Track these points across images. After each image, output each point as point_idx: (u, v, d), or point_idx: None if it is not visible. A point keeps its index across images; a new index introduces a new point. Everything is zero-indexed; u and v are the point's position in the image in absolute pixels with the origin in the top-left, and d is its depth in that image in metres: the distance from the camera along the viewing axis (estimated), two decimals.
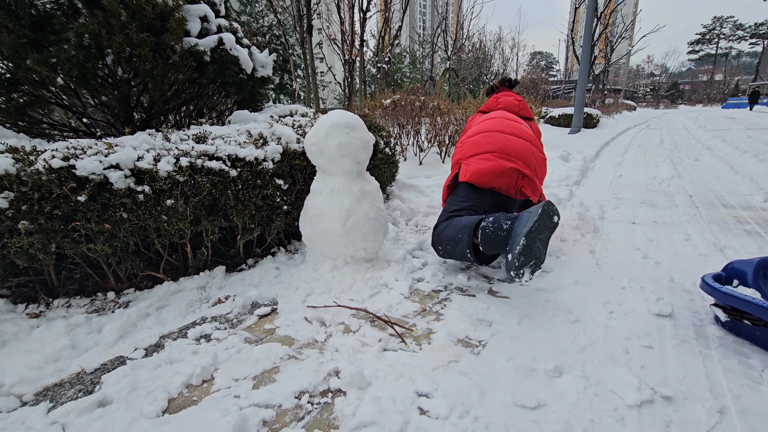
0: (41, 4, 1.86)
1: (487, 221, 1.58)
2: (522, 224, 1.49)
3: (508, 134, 2.05)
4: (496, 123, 2.13)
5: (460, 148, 2.13)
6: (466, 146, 2.09)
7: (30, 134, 2.02)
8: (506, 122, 2.14)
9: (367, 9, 10.16)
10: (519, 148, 1.99)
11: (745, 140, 7.18)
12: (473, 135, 2.13)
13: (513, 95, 2.48)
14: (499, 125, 2.11)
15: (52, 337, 1.33)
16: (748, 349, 1.27)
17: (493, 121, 2.16)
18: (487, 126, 2.13)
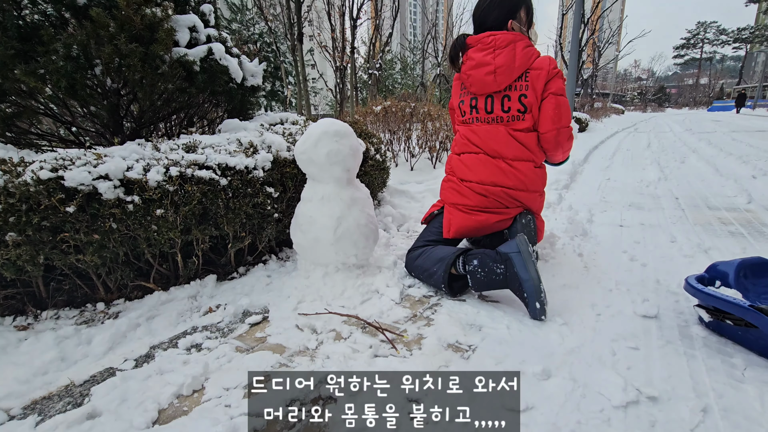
0: (29, 15, 1.86)
1: (473, 265, 1.58)
2: (522, 268, 1.49)
3: (489, 185, 1.79)
4: (475, 164, 1.83)
5: (451, 162, 1.95)
6: (455, 167, 1.91)
7: (18, 145, 2.01)
8: (486, 167, 1.80)
9: (358, 16, 10.25)
10: (505, 195, 1.78)
11: (729, 142, 7.33)
12: (459, 154, 1.91)
13: (486, 54, 1.71)
14: (478, 176, 1.82)
15: (41, 350, 1.32)
16: (731, 348, 1.30)
17: (473, 160, 1.84)
18: (467, 164, 1.87)
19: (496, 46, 1.70)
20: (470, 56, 1.77)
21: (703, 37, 58.41)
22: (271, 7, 13.37)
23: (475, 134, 1.82)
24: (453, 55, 1.85)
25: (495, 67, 1.69)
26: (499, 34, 1.72)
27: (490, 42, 1.71)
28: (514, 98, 1.73)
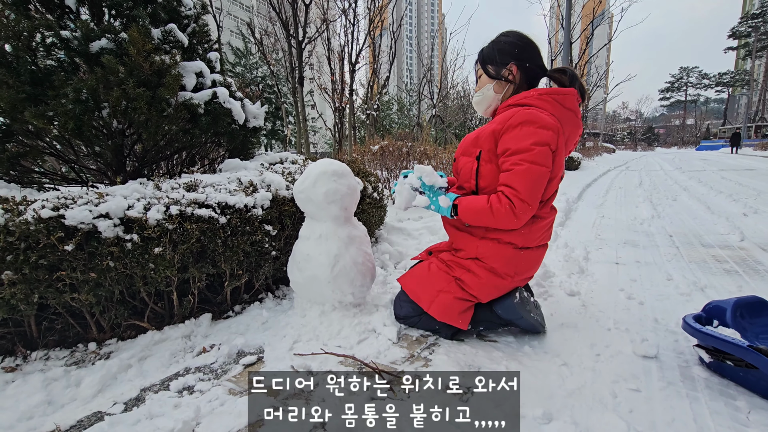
0: (41, 61, 1.95)
1: (479, 330, 1.71)
2: (527, 324, 1.61)
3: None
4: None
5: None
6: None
7: (21, 183, 2.04)
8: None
9: (356, 61, 10.72)
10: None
11: (719, 181, 7.50)
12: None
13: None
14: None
15: (28, 393, 1.28)
16: (733, 390, 1.28)
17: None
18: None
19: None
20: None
21: (686, 80, 61.18)
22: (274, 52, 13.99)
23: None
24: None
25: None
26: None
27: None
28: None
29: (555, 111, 1.44)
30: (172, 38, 2.21)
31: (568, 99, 1.47)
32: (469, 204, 1.46)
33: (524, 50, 1.52)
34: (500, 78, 1.54)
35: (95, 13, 2.15)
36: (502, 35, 1.57)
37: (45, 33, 1.88)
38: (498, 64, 1.54)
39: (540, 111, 1.40)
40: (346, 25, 10.50)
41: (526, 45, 1.53)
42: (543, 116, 1.37)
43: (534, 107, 1.42)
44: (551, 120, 1.38)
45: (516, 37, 1.54)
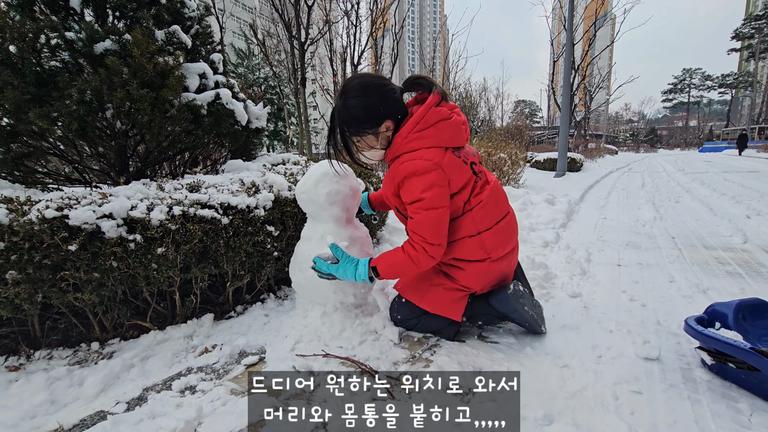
0: (46, 62, 1.96)
1: (478, 324, 1.75)
2: (523, 320, 1.65)
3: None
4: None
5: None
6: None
7: (25, 184, 2.06)
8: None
9: (359, 63, 10.74)
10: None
11: (722, 182, 7.48)
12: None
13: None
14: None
15: (31, 392, 1.29)
16: (735, 392, 1.28)
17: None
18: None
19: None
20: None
21: (689, 82, 61.06)
22: (276, 54, 14.03)
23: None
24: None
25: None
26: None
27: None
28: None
29: (427, 140, 1.43)
30: (175, 40, 2.23)
31: (431, 115, 1.43)
32: (388, 261, 1.50)
33: (383, 99, 1.43)
34: (380, 136, 1.49)
35: (99, 14, 2.17)
36: (352, 98, 1.42)
37: (50, 34, 1.89)
38: (374, 125, 1.45)
39: (415, 158, 1.41)
40: (348, 26, 10.53)
41: (381, 94, 1.43)
42: (419, 163, 1.39)
43: (407, 154, 1.44)
44: (427, 161, 1.39)
45: (367, 93, 1.43)
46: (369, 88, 1.43)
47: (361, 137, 1.48)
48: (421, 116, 1.43)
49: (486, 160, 5.90)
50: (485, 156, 5.92)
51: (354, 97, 1.42)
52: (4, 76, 1.78)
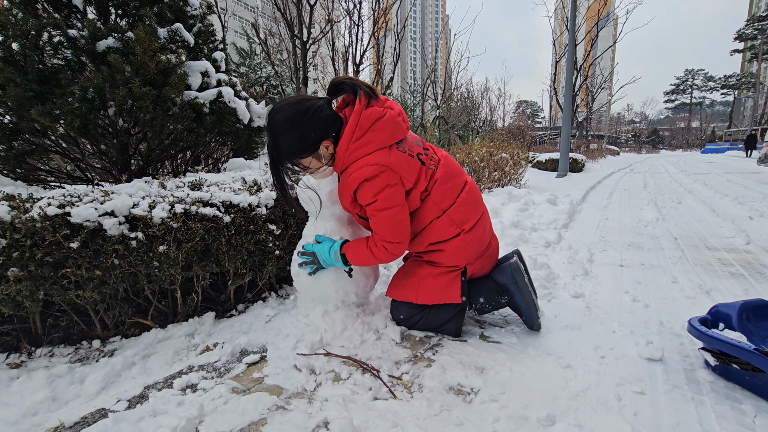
0: (48, 60, 1.96)
1: (479, 303, 1.75)
2: (521, 298, 1.67)
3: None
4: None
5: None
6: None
7: (27, 181, 2.06)
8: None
9: (361, 62, 10.73)
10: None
11: (724, 183, 7.45)
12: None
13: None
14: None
15: (32, 389, 1.29)
16: (739, 394, 1.27)
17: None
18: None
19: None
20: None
21: (691, 83, 60.93)
22: (278, 53, 14.03)
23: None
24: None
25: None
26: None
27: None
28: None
29: (368, 147, 1.42)
30: (178, 38, 2.23)
31: (363, 120, 1.41)
32: (355, 251, 1.54)
33: (312, 126, 1.40)
34: (322, 157, 1.46)
35: (102, 12, 2.17)
36: (280, 135, 1.38)
37: (52, 32, 1.89)
38: (313, 150, 1.42)
39: (362, 165, 1.40)
40: (350, 26, 10.52)
41: (309, 121, 1.39)
42: (367, 170, 1.39)
43: (354, 164, 1.43)
44: (374, 166, 1.39)
45: (294, 125, 1.38)
46: (295, 119, 1.37)
47: (301, 163, 1.45)
48: (354, 124, 1.40)
49: (488, 160, 5.88)
50: (487, 156, 5.90)
51: (283, 133, 1.38)
52: (7, 74, 1.78)
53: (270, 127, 1.40)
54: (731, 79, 53.96)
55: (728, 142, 36.66)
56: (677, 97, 63.00)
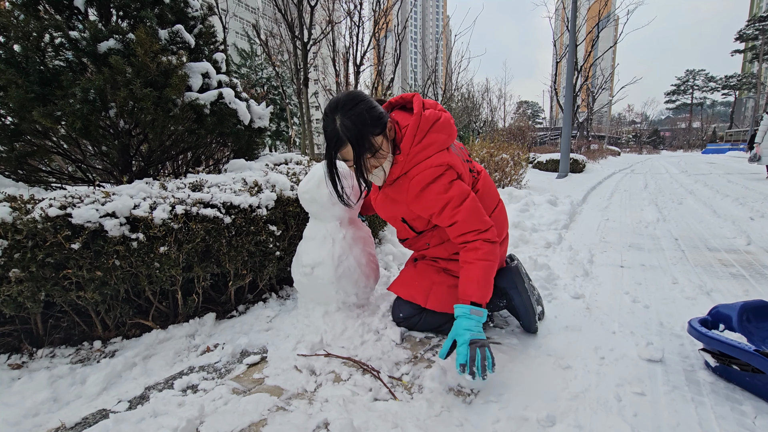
0: (50, 61, 1.97)
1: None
2: (520, 302, 1.65)
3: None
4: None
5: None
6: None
7: (28, 182, 2.06)
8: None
9: (361, 63, 10.75)
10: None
11: (725, 184, 7.45)
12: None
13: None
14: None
15: (33, 390, 1.29)
16: (739, 395, 1.27)
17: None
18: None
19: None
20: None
21: (692, 83, 60.86)
22: (279, 54, 14.06)
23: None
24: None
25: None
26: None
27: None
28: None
29: (429, 149, 1.40)
30: (179, 39, 2.23)
31: (424, 123, 1.40)
32: (473, 285, 1.36)
33: (379, 106, 1.37)
34: (387, 138, 1.41)
35: (103, 13, 2.17)
36: (352, 108, 1.30)
37: (54, 33, 1.90)
38: (384, 126, 1.36)
39: (425, 168, 1.39)
40: (351, 26, 10.54)
41: (374, 101, 1.37)
42: (431, 172, 1.38)
43: (415, 168, 1.41)
44: (437, 167, 1.38)
45: (362, 98, 1.34)
46: (360, 95, 1.35)
47: (376, 142, 1.35)
48: (416, 127, 1.39)
49: (488, 160, 5.89)
50: (487, 156, 5.91)
51: (358, 103, 1.32)
52: (9, 75, 1.79)
53: (341, 109, 1.30)
54: (732, 80, 53.91)
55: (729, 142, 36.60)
56: (678, 97, 62.94)
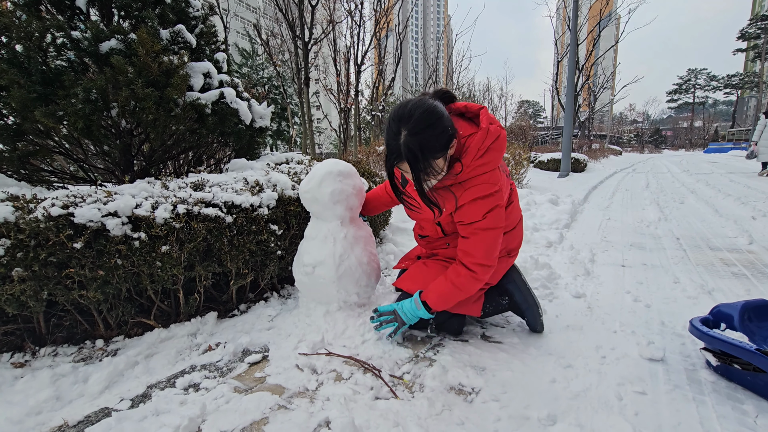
0: (52, 61, 1.97)
1: (485, 307, 1.73)
2: (521, 297, 1.69)
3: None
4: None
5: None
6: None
7: (31, 182, 2.07)
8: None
9: (362, 62, 10.74)
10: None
11: (727, 183, 7.42)
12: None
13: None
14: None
15: (36, 388, 1.30)
16: (741, 394, 1.27)
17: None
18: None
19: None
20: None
21: (694, 82, 60.65)
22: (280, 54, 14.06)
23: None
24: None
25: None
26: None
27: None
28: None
29: (487, 165, 1.41)
30: (180, 39, 2.24)
31: (488, 139, 1.37)
32: (435, 293, 1.50)
33: (449, 121, 1.33)
34: (447, 157, 1.37)
35: (105, 14, 2.18)
36: (422, 130, 1.26)
37: (56, 33, 1.90)
38: (446, 148, 1.33)
39: (481, 182, 1.40)
40: (352, 26, 10.53)
41: (446, 117, 1.32)
42: (485, 188, 1.39)
43: (471, 180, 1.42)
44: (491, 185, 1.39)
45: (439, 118, 1.29)
46: (435, 112, 1.29)
47: (436, 165, 1.33)
48: (481, 141, 1.37)
49: None
50: None
51: (427, 128, 1.27)
52: (11, 75, 1.79)
53: (410, 125, 1.26)
54: (734, 79, 53.69)
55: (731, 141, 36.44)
56: (680, 96, 62.72)
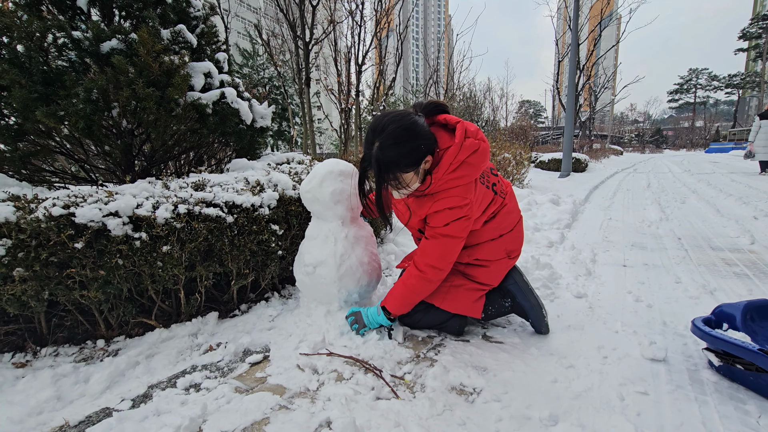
0: (53, 61, 1.97)
1: (487, 309, 1.74)
2: (524, 298, 1.70)
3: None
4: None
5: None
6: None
7: (32, 182, 2.07)
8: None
9: (363, 63, 10.74)
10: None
11: (728, 183, 7.41)
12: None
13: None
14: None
15: (37, 388, 1.30)
16: (743, 394, 1.26)
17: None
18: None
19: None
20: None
21: (695, 82, 60.56)
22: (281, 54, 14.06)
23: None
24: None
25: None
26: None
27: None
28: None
29: (461, 179, 1.44)
30: (181, 39, 2.24)
31: (462, 153, 1.40)
32: (392, 297, 1.59)
33: (426, 137, 1.39)
34: (419, 172, 1.43)
35: (106, 14, 2.18)
36: (391, 145, 1.33)
37: (57, 34, 1.90)
38: (418, 164, 1.39)
39: (452, 195, 1.45)
40: (352, 26, 10.53)
41: (424, 133, 1.38)
42: (455, 200, 1.44)
43: (443, 192, 1.46)
44: (461, 198, 1.44)
45: (410, 136, 1.35)
46: (410, 129, 1.35)
47: (403, 179, 1.41)
48: (453, 156, 1.40)
49: (490, 160, 5.89)
50: None
51: (396, 144, 1.33)
52: (12, 75, 1.79)
53: (382, 139, 1.33)
54: (735, 79, 53.58)
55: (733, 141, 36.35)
56: (681, 96, 62.62)
